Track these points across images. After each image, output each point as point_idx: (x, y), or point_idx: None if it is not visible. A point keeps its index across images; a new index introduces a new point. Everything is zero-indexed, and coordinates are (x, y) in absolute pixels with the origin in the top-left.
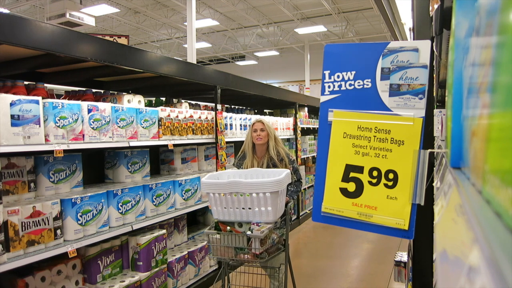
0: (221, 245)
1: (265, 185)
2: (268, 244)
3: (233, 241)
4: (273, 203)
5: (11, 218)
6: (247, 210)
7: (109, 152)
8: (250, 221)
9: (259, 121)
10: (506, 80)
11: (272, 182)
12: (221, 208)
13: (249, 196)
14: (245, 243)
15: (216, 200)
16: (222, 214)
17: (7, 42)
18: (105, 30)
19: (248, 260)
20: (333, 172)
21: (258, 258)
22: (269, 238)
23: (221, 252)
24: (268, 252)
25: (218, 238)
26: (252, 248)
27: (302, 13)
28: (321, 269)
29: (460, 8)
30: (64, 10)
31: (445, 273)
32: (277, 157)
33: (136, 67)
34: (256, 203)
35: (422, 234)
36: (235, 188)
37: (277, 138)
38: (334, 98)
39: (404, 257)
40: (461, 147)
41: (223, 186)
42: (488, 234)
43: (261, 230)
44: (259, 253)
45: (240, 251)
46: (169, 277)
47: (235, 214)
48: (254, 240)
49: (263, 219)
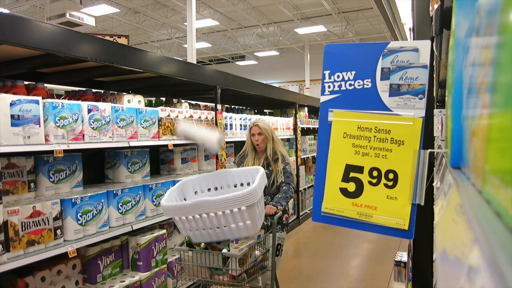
0: (194, 264)
1: (237, 199)
2: (249, 263)
3: (207, 260)
4: (251, 215)
5: (11, 218)
6: (222, 228)
7: (109, 152)
8: (228, 238)
9: (256, 125)
10: (506, 80)
11: (245, 195)
12: (191, 230)
13: (222, 214)
14: (220, 263)
15: (184, 223)
16: (195, 236)
17: (7, 42)
18: (105, 30)
19: (224, 283)
20: (333, 172)
21: (235, 281)
22: (251, 256)
23: (194, 272)
24: (249, 272)
25: (190, 256)
26: (230, 269)
27: (302, 13)
28: (321, 269)
29: (460, 8)
30: (64, 10)
31: (445, 273)
32: (273, 157)
33: (136, 67)
34: (231, 220)
35: (422, 234)
36: (203, 208)
37: (276, 138)
38: (334, 98)
39: (404, 257)
40: (461, 147)
41: (188, 209)
42: (488, 234)
43: (240, 248)
44: (238, 274)
45: (216, 272)
46: (169, 277)
47: (210, 235)
48: (231, 260)
49: (242, 234)
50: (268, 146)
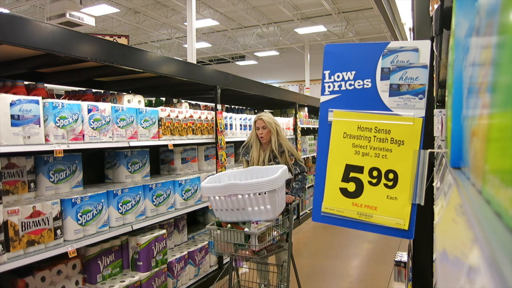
0: (221, 241)
1: (261, 185)
2: (267, 242)
3: (232, 237)
4: (271, 201)
5: (11, 218)
6: (247, 210)
7: (109, 152)
8: (250, 220)
9: (260, 119)
10: (506, 80)
11: (268, 181)
12: (222, 210)
13: (248, 197)
14: (243, 240)
15: (216, 203)
16: (224, 215)
17: (7, 42)
18: (105, 30)
19: (247, 256)
20: (333, 172)
21: (256, 255)
22: (269, 236)
23: (222, 247)
24: (268, 249)
25: (218, 233)
26: (251, 245)
27: (302, 13)
28: (321, 269)
29: (460, 8)
30: (64, 10)
31: (445, 273)
32: (278, 150)
33: (136, 67)
34: (254, 203)
35: (422, 234)
36: (233, 190)
37: (280, 132)
38: (334, 98)
39: (404, 257)
40: (461, 147)
41: (221, 189)
42: (488, 234)
43: (258, 228)
44: (257, 250)
45: (240, 247)
46: (169, 277)
47: (236, 215)
48: (251, 237)
49: (263, 217)
50: (273, 139)
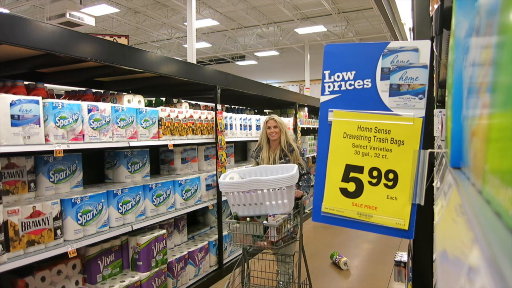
0: (241, 233)
1: (282, 180)
2: (283, 233)
3: (251, 229)
4: (289, 195)
5: (11, 218)
6: (265, 204)
7: (109, 152)
8: (267, 214)
9: (272, 119)
10: (506, 80)
11: (288, 178)
12: (240, 205)
13: (267, 192)
14: (261, 231)
15: (235, 198)
16: (242, 210)
17: (7, 42)
18: (105, 30)
19: (265, 247)
20: (333, 172)
21: (274, 245)
22: (284, 227)
23: (241, 239)
24: (283, 240)
25: (238, 226)
26: (269, 236)
27: (302, 13)
28: (321, 269)
29: (460, 8)
30: (64, 10)
31: (445, 273)
32: (288, 149)
33: (136, 67)
34: (273, 197)
35: (422, 234)
36: (254, 185)
37: (287, 132)
38: (334, 98)
39: (404, 257)
40: (461, 147)
41: (242, 185)
42: (488, 234)
43: (277, 220)
44: (276, 240)
45: (258, 239)
46: (169, 277)
47: (254, 209)
48: (270, 229)
49: (280, 211)
50: (282, 138)
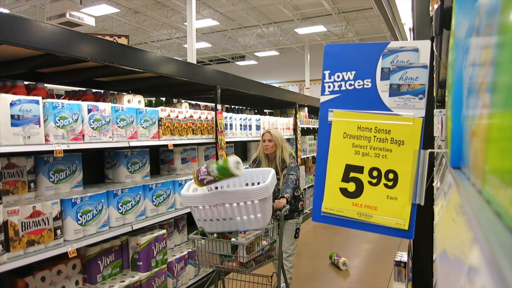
0: (206, 251)
1: (253, 193)
2: (256, 252)
3: (218, 248)
4: (262, 209)
5: (11, 218)
6: (236, 220)
7: (109, 152)
8: (238, 229)
9: (267, 132)
10: (506, 80)
11: (260, 189)
12: (206, 220)
13: (237, 205)
14: (229, 251)
15: (200, 213)
16: (209, 226)
17: (7, 42)
18: (105, 30)
19: (233, 269)
20: (333, 172)
21: (244, 267)
22: (258, 245)
23: (207, 258)
24: (256, 260)
25: (203, 244)
26: (239, 256)
27: (302, 13)
28: (321, 269)
29: (460, 8)
30: (64, 10)
31: (445, 273)
32: (281, 165)
33: (136, 67)
34: (244, 211)
35: (422, 234)
36: (221, 198)
37: (285, 146)
38: (334, 98)
39: (404, 257)
40: (461, 147)
41: (207, 198)
42: (488, 234)
43: (246, 237)
44: (245, 261)
45: (226, 259)
46: (169, 277)
47: (223, 225)
48: (239, 248)
49: (252, 226)
50: (277, 152)
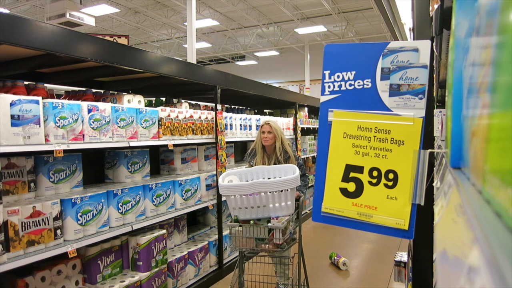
0: (243, 236)
1: (287, 182)
2: (287, 235)
3: (255, 232)
4: (292, 197)
5: (11, 218)
6: (268, 207)
7: (109, 152)
8: (270, 216)
9: (266, 124)
10: (506, 80)
11: (293, 180)
12: (241, 208)
13: (271, 194)
14: (266, 234)
15: (236, 202)
16: (243, 213)
17: (7, 42)
18: (105, 30)
19: (269, 250)
20: (333, 172)
21: (279, 248)
22: (287, 229)
23: (243, 243)
24: (286, 242)
25: (240, 230)
26: (275, 239)
27: (302, 13)
28: (321, 269)
29: (460, 8)
30: (64, 10)
31: (445, 273)
32: (284, 156)
33: (136, 67)
34: (277, 199)
35: (422, 234)
36: (258, 188)
37: (284, 138)
38: (334, 98)
39: (404, 257)
40: (461, 147)
41: (245, 188)
42: (488, 234)
43: (282, 222)
44: (281, 243)
45: (261, 242)
46: (169, 277)
47: (256, 212)
48: (275, 231)
49: (283, 213)
50: (277, 144)
